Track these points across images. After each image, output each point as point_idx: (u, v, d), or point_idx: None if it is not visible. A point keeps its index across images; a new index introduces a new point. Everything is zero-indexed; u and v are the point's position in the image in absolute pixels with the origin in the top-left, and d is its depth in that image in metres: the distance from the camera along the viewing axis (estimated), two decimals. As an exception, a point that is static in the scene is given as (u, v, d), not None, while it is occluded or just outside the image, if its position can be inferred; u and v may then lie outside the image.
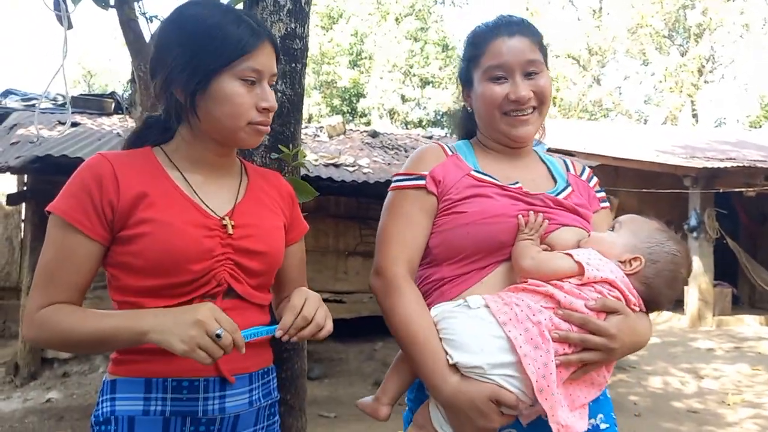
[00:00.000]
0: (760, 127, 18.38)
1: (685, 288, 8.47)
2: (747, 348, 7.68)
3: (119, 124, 6.54)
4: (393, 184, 1.33)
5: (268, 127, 1.18)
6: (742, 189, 8.69)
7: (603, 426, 1.23)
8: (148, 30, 1.76)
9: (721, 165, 8.52)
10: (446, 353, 1.13)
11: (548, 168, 1.39)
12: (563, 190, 1.32)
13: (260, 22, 1.18)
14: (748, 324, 9.42)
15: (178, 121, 1.17)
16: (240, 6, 1.57)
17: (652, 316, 1.28)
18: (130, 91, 1.74)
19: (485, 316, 1.12)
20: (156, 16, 1.79)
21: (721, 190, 8.87)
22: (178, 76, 1.11)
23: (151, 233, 1.08)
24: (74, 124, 6.19)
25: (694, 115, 22.19)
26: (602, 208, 1.39)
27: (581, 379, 1.12)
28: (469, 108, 1.39)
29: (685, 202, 9.27)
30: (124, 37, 1.70)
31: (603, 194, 1.43)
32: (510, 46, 1.27)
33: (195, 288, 1.11)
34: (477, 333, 1.12)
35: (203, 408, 1.10)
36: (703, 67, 21.60)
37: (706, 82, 22.15)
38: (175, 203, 1.12)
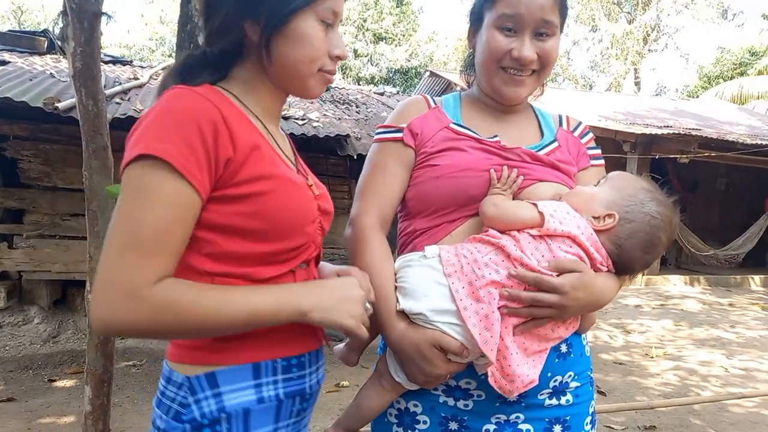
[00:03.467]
0: (697, 97, 19.12)
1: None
2: (671, 305, 8.19)
3: (52, 64, 6.15)
4: (375, 137, 1.32)
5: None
6: (677, 156, 9.08)
7: (573, 384, 1.21)
8: (82, -42, 1.65)
9: (659, 132, 8.86)
10: (397, 300, 1.14)
11: (539, 122, 1.36)
12: (547, 146, 1.28)
13: None
14: (674, 283, 10.02)
15: (232, 62, 1.00)
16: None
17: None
18: (61, 25, 1.62)
19: (436, 265, 1.13)
20: (92, -56, 1.67)
21: (657, 156, 9.25)
22: (257, 7, 0.94)
23: (273, 191, 0.93)
24: (3, 63, 5.78)
25: (637, 83, 22.85)
26: (593, 165, 1.34)
27: (533, 331, 1.10)
28: (471, 49, 1.34)
29: (624, 167, 9.63)
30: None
31: (597, 151, 1.37)
32: None
33: (301, 252, 1.00)
34: (424, 280, 1.12)
35: (309, 383, 1.04)
36: (648, 35, 22.14)
37: (650, 50, 22.76)
38: (278, 157, 0.99)
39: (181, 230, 0.86)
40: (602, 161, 1.37)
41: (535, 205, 1.14)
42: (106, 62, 6.54)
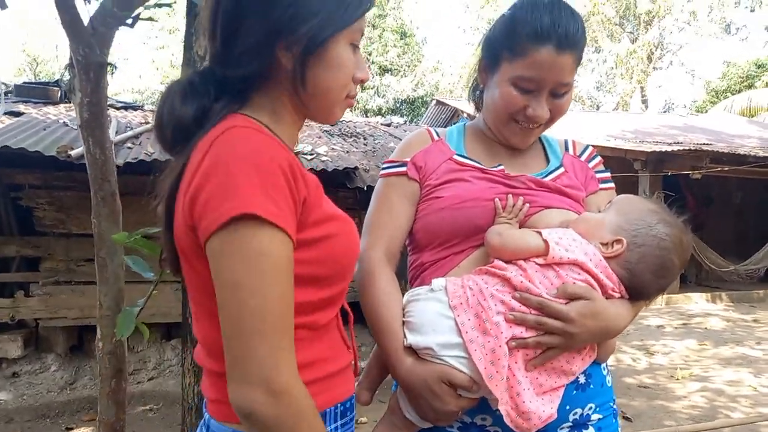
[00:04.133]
0: (706, 111, 19.06)
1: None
2: (694, 324, 8.01)
3: (65, 113, 6.29)
4: (380, 172, 1.32)
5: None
6: (689, 172, 9.00)
7: (595, 417, 1.17)
8: (86, 11, 1.69)
9: (669, 149, 8.81)
10: (405, 335, 1.12)
11: (544, 148, 1.35)
12: (553, 171, 1.28)
13: None
14: (695, 301, 9.82)
15: (254, 86, 0.91)
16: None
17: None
18: (68, 77, 1.66)
19: (442, 297, 1.11)
20: (94, -5, 1.72)
21: (669, 173, 9.18)
22: (295, 31, 0.85)
23: (340, 232, 0.89)
24: (18, 114, 5.93)
25: (644, 101, 22.87)
26: (602, 189, 1.32)
27: (548, 365, 1.07)
28: (481, 85, 1.33)
29: (636, 186, 9.56)
30: (60, 18, 1.62)
31: (606, 174, 1.36)
32: (553, 63, 1.15)
33: (344, 291, 0.96)
34: (431, 314, 1.10)
35: (354, 424, 1.01)
36: (652, 53, 22.25)
37: (655, 68, 22.83)
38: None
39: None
40: (612, 184, 1.35)
41: (539, 233, 1.12)
42: (118, 108, 6.69)
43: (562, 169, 1.29)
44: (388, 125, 8.65)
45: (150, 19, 1.75)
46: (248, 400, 0.77)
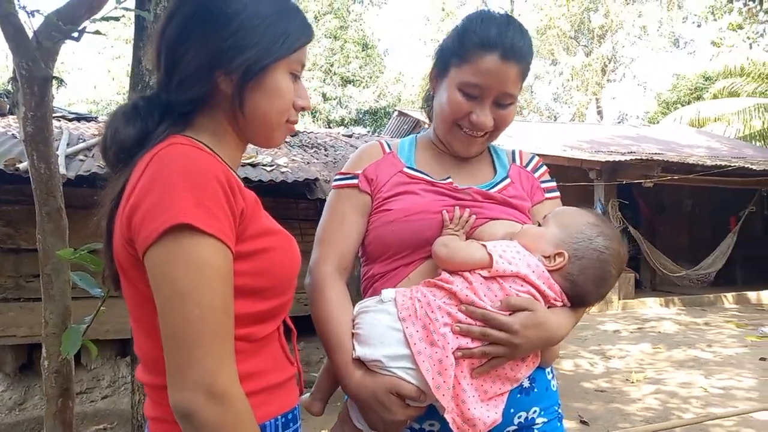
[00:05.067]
0: (658, 122, 19.74)
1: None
2: (649, 328, 8.25)
3: (15, 125, 6.10)
4: (332, 184, 1.34)
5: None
6: (641, 180, 9.30)
7: (540, 420, 1.20)
8: (30, 25, 1.66)
9: (622, 158, 9.09)
10: (354, 348, 1.14)
11: (492, 159, 1.38)
12: (500, 183, 1.31)
13: None
14: (649, 306, 10.12)
15: (197, 110, 0.95)
16: None
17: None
18: (12, 91, 1.63)
19: (391, 309, 1.13)
20: (38, 11, 1.69)
21: (624, 182, 9.46)
22: (234, 59, 0.90)
23: (277, 246, 0.92)
24: (-38, 126, 5.72)
25: (599, 112, 23.56)
26: (547, 198, 1.36)
27: (493, 372, 1.11)
28: (432, 91, 1.36)
29: (592, 194, 9.82)
30: (2, 32, 1.59)
31: (551, 184, 1.39)
32: (498, 71, 1.19)
33: (286, 306, 0.99)
34: (380, 326, 1.12)
35: None
36: (606, 66, 22.97)
37: (609, 80, 23.57)
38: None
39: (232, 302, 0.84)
40: (557, 194, 1.39)
41: (484, 246, 1.15)
42: (70, 119, 6.52)
43: (508, 180, 1.33)
44: (350, 136, 8.67)
45: (97, 32, 1.72)
46: (189, 402, 0.78)
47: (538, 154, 1.47)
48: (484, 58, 1.19)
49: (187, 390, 0.78)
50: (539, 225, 1.23)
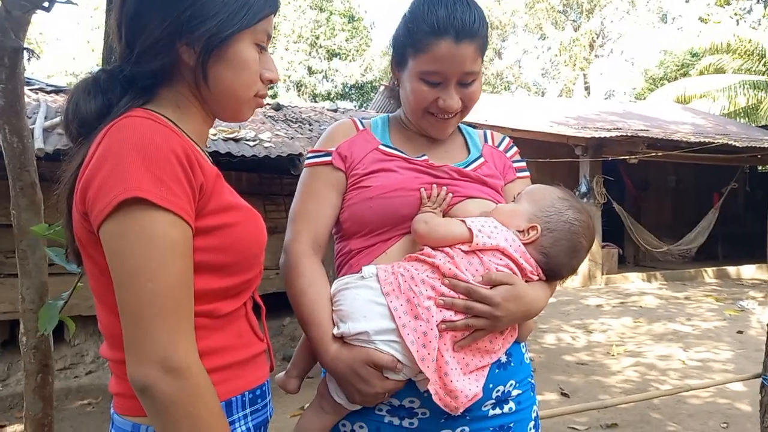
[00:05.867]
0: (645, 98, 19.79)
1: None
2: (631, 303, 8.39)
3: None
4: (305, 162, 1.33)
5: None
6: (626, 157, 9.36)
7: (515, 392, 1.23)
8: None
9: (607, 135, 9.13)
10: (334, 324, 1.14)
11: (465, 139, 1.40)
12: (474, 162, 1.32)
13: None
14: (632, 281, 10.28)
15: (159, 84, 0.94)
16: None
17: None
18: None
19: (373, 284, 1.14)
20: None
21: (610, 158, 9.52)
22: (195, 29, 0.89)
23: (241, 222, 0.92)
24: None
25: (587, 88, 23.56)
26: (518, 177, 1.39)
27: (474, 345, 1.13)
28: (396, 85, 1.36)
29: (577, 170, 9.88)
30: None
31: (522, 164, 1.42)
32: (454, 54, 1.18)
33: (253, 283, 0.99)
34: (362, 301, 1.13)
35: (270, 411, 1.03)
36: (594, 42, 22.89)
37: (596, 56, 23.51)
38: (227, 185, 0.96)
39: (191, 277, 0.83)
40: (528, 173, 1.42)
41: (464, 221, 1.17)
42: (48, 92, 6.38)
43: (482, 159, 1.34)
44: (335, 111, 8.60)
45: (69, 2, 1.67)
46: (144, 375, 0.78)
47: (526, 130, 1.48)
48: (438, 44, 1.18)
49: (142, 364, 0.78)
50: (513, 202, 1.26)
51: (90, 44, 21.91)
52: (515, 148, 1.44)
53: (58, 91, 6.54)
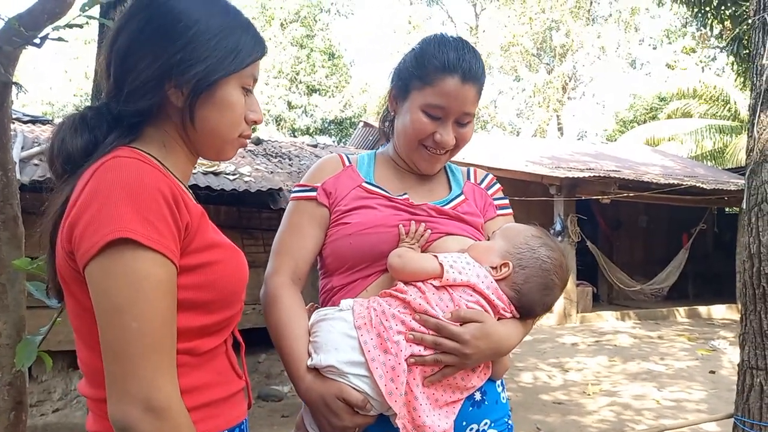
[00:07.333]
0: (616, 140, 20.37)
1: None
2: (605, 341, 8.46)
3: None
4: (291, 196, 1.37)
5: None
6: (599, 197, 9.56)
7: None
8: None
9: (581, 175, 9.34)
10: (310, 355, 1.16)
11: (448, 177, 1.44)
12: (454, 199, 1.36)
13: None
14: (606, 319, 10.38)
15: (146, 121, 0.95)
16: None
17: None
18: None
19: (348, 317, 1.16)
20: None
21: (583, 197, 9.71)
22: (184, 72, 0.91)
23: (223, 260, 0.93)
24: None
25: (560, 129, 24.17)
26: (500, 215, 1.42)
27: (444, 381, 1.14)
28: (392, 112, 1.40)
29: (552, 209, 10.04)
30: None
31: (504, 201, 1.46)
32: (458, 93, 1.26)
33: (234, 320, 0.99)
34: (335, 333, 1.15)
35: None
36: (567, 84, 23.62)
37: (569, 98, 24.23)
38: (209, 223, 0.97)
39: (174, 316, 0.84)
40: (509, 210, 1.46)
41: (436, 256, 1.20)
42: (25, 122, 6.31)
43: (462, 197, 1.39)
44: (315, 146, 8.66)
45: (60, 39, 1.69)
46: (126, 414, 0.79)
47: (501, 169, 1.53)
48: (446, 80, 1.26)
49: (124, 403, 0.79)
50: (489, 240, 1.29)
51: (67, 74, 21.79)
52: (498, 186, 1.48)
53: (35, 121, 6.49)
